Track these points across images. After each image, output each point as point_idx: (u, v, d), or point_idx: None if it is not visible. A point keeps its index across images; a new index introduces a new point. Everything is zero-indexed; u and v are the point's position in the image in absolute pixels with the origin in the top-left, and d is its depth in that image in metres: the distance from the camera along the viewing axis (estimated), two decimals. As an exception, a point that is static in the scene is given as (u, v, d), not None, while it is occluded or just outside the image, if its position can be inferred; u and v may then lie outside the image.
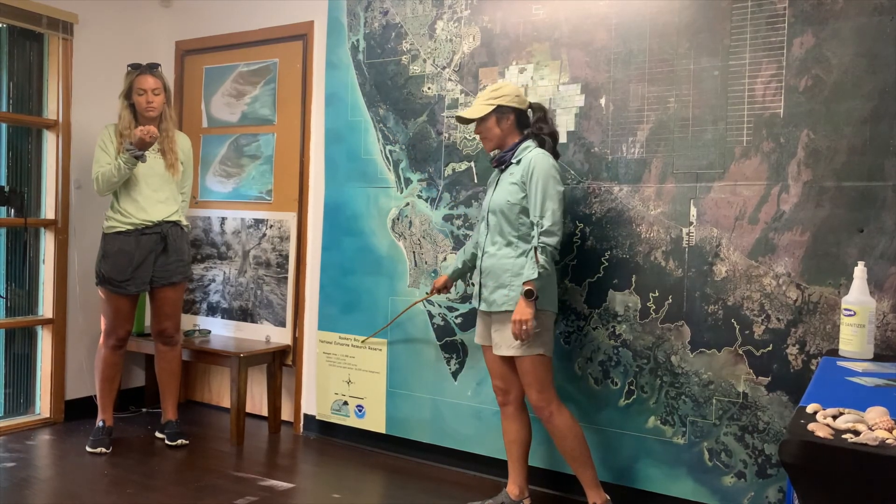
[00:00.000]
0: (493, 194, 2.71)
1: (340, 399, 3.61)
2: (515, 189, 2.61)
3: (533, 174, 2.57)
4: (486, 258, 2.68)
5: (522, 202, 2.61)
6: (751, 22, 2.63)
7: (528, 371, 2.60)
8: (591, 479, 2.63)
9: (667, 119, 2.78)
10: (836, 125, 2.49)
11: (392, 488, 3.13)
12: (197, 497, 2.90)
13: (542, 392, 2.62)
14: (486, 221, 2.71)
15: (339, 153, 3.62)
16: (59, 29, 3.75)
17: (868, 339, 2.13)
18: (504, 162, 2.70)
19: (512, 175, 2.64)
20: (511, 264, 2.61)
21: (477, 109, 2.67)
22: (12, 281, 3.80)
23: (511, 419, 2.76)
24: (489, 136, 2.70)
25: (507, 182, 2.66)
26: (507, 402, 2.76)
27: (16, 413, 3.81)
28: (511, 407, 2.75)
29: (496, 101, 2.65)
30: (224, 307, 4.04)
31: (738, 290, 2.65)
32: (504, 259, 2.63)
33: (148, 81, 3.34)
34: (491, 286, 2.64)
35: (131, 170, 3.26)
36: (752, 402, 2.62)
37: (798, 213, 2.55)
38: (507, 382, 2.73)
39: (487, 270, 2.66)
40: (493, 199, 2.69)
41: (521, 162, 2.64)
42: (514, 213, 2.61)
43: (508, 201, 2.62)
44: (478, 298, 2.71)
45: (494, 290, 2.63)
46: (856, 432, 1.26)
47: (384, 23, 3.46)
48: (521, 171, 2.62)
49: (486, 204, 2.75)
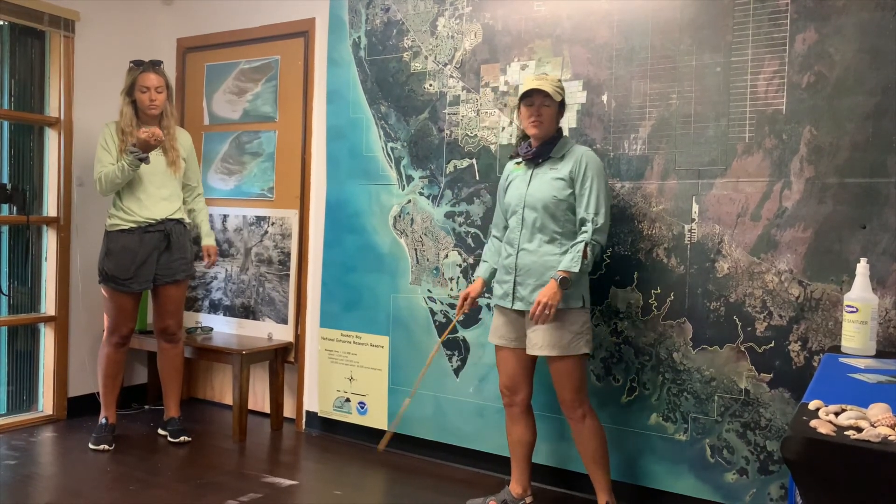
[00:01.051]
0: (530, 189, 2.61)
1: (342, 396, 3.61)
2: (562, 185, 2.56)
3: (586, 171, 2.54)
4: (524, 255, 2.60)
5: (569, 198, 2.56)
6: (753, 18, 2.62)
7: (568, 371, 2.57)
8: (607, 482, 2.63)
9: (669, 116, 2.78)
10: (838, 121, 2.48)
11: (394, 485, 3.14)
12: (199, 494, 2.90)
13: (579, 392, 2.60)
14: (521, 217, 2.62)
15: (341, 150, 3.61)
16: (60, 26, 3.75)
17: (870, 336, 2.13)
18: (541, 156, 2.62)
19: (555, 170, 2.58)
20: (555, 262, 2.54)
21: (553, 92, 2.55)
22: (15, 278, 3.81)
23: (516, 421, 2.74)
24: (547, 122, 2.59)
25: (549, 177, 2.59)
26: (513, 404, 2.73)
27: (19, 410, 3.82)
28: (517, 409, 2.73)
29: (563, 94, 2.61)
30: (226, 304, 4.05)
31: (740, 286, 2.65)
32: (547, 257, 2.56)
33: (151, 79, 3.34)
34: (531, 285, 2.57)
35: (135, 171, 3.26)
36: (754, 399, 2.62)
37: (800, 210, 2.55)
38: (518, 384, 2.70)
39: (526, 268, 2.59)
40: (530, 194, 2.60)
41: (567, 157, 2.59)
42: (561, 209, 2.56)
43: (555, 197, 2.55)
44: (510, 298, 2.63)
45: (536, 288, 2.56)
46: (858, 429, 1.26)
47: (386, 20, 3.46)
48: (569, 167, 2.56)
49: (517, 199, 2.64)
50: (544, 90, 2.54)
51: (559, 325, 2.54)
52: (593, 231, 2.51)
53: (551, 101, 2.57)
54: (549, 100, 2.56)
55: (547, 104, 2.57)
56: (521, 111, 2.63)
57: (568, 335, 2.54)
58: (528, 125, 2.61)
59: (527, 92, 2.58)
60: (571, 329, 2.55)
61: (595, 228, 2.51)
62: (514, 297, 2.62)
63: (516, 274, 2.61)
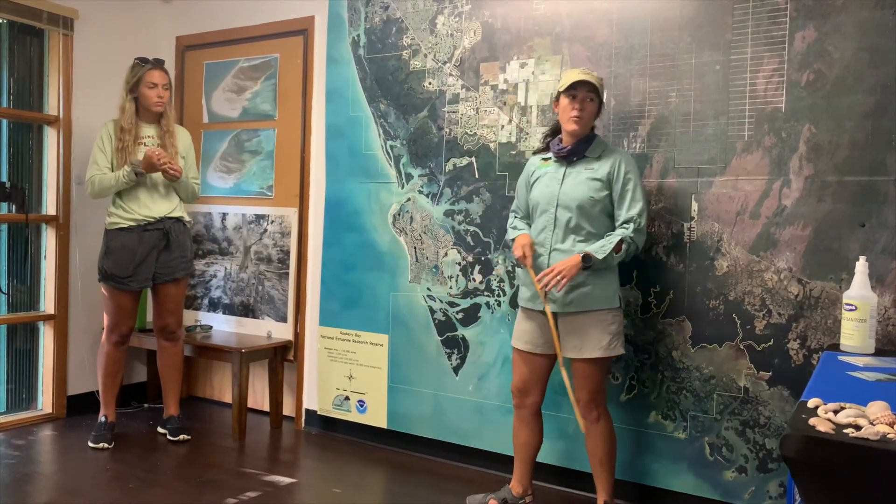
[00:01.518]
0: (563, 188, 2.56)
1: (342, 394, 3.61)
2: (598, 185, 2.52)
3: (628, 173, 2.51)
4: (557, 256, 2.53)
5: (604, 200, 2.52)
6: (752, 16, 2.62)
7: (596, 371, 2.54)
8: (610, 484, 2.62)
9: (668, 114, 2.78)
10: (837, 120, 2.48)
11: (393, 483, 3.14)
12: (199, 492, 2.90)
13: (600, 392, 2.58)
14: (554, 217, 2.56)
15: (340, 148, 3.61)
16: (59, 24, 3.74)
17: (869, 334, 2.13)
18: (576, 154, 2.57)
19: (591, 170, 2.54)
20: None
21: (600, 88, 2.53)
22: (14, 277, 3.81)
23: (525, 423, 2.72)
24: (587, 118, 2.54)
25: (584, 176, 2.54)
26: (523, 406, 2.70)
27: (18, 409, 3.82)
28: (527, 411, 2.70)
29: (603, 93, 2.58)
30: (225, 303, 4.05)
31: (739, 285, 2.65)
32: None
33: (159, 76, 3.36)
34: (567, 286, 2.49)
35: (129, 185, 3.29)
36: (754, 397, 2.62)
37: (799, 208, 2.55)
38: (532, 387, 2.67)
39: None
40: (564, 193, 2.55)
41: (604, 158, 2.55)
42: (596, 210, 2.52)
43: (592, 198, 2.51)
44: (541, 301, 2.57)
45: (570, 290, 2.50)
46: (857, 427, 1.26)
47: (385, 18, 3.46)
48: (606, 168, 2.52)
49: (547, 197, 2.59)
50: (591, 82, 2.49)
51: (599, 327, 2.51)
52: (634, 230, 2.48)
53: (595, 97, 2.53)
54: (594, 95, 2.52)
55: (591, 98, 2.52)
56: (562, 103, 2.55)
57: (607, 336, 2.52)
58: (569, 119, 2.53)
59: (572, 84, 2.50)
60: (610, 330, 2.52)
61: (636, 228, 2.49)
62: (545, 299, 2.55)
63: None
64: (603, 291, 2.52)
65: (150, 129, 3.42)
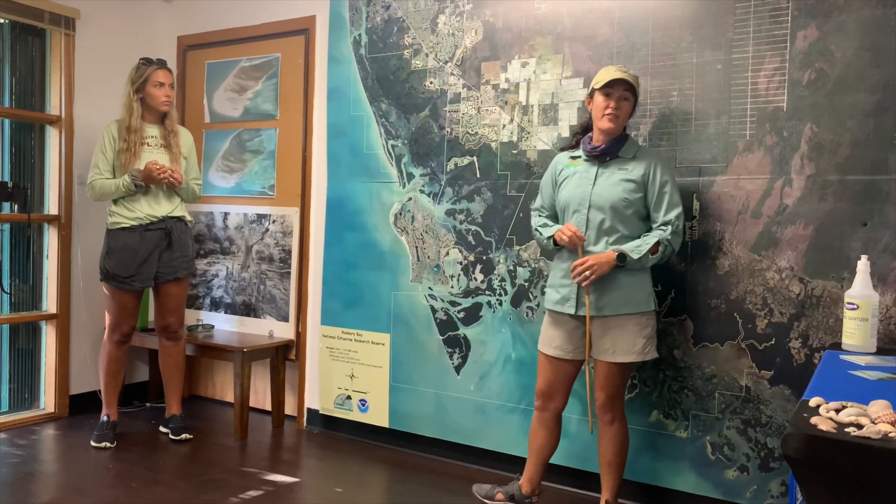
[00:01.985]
0: (596, 188, 2.50)
1: (343, 393, 3.61)
2: (633, 186, 2.47)
3: (663, 175, 2.48)
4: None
5: (638, 202, 2.48)
6: (754, 15, 2.62)
7: (621, 374, 2.52)
8: (615, 487, 2.60)
9: (669, 113, 2.78)
10: (839, 119, 2.48)
11: (395, 482, 3.14)
12: (201, 491, 2.91)
13: (620, 396, 2.56)
14: (586, 218, 2.50)
15: (342, 148, 3.61)
16: (61, 24, 3.74)
17: (871, 333, 2.13)
18: (609, 154, 2.52)
19: (625, 171, 2.49)
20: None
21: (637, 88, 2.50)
22: (16, 276, 3.81)
23: (545, 427, 2.68)
24: (622, 116, 2.50)
25: (618, 177, 2.49)
26: (546, 409, 2.66)
27: (20, 408, 3.82)
28: (549, 414, 2.66)
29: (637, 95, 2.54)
30: (227, 302, 4.05)
31: (740, 284, 2.65)
32: None
33: (165, 75, 3.37)
34: (603, 288, 2.46)
35: (128, 194, 3.31)
36: (755, 396, 2.62)
37: (801, 207, 2.55)
38: (557, 392, 2.63)
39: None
40: (597, 194, 2.49)
41: (638, 159, 2.51)
42: (630, 211, 2.48)
43: (626, 199, 2.46)
44: (572, 303, 2.52)
45: (604, 292, 2.46)
46: (859, 426, 1.26)
47: (386, 17, 3.46)
48: (641, 170, 2.48)
49: (579, 197, 2.53)
50: (628, 81, 2.45)
51: (634, 330, 2.48)
52: (672, 233, 2.45)
53: (630, 97, 2.49)
54: (630, 94, 2.49)
55: (627, 98, 2.49)
56: (596, 101, 2.51)
57: (642, 340, 2.49)
58: (603, 118, 2.48)
59: (609, 82, 2.46)
60: (644, 333, 2.49)
61: (674, 231, 2.45)
62: (577, 302, 2.50)
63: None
64: (638, 294, 2.48)
65: (153, 130, 3.42)
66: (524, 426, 3.08)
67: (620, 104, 2.47)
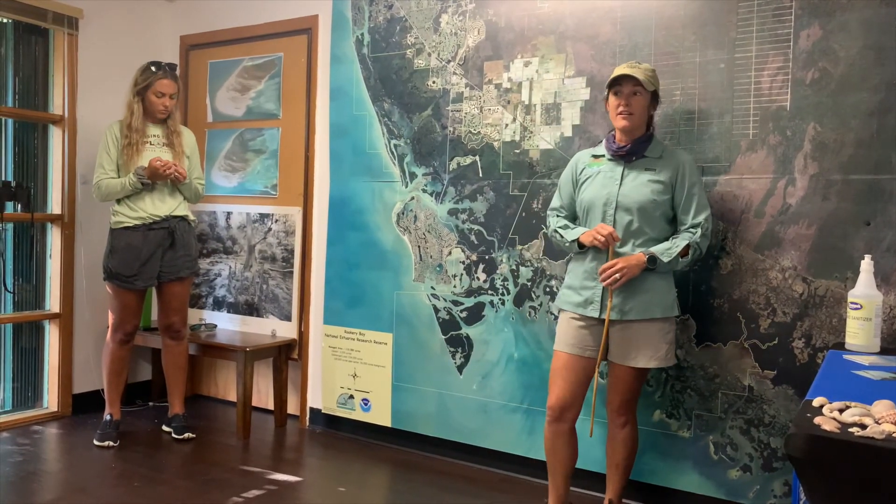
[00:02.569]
0: (623, 189, 2.43)
1: (346, 393, 3.62)
2: (660, 188, 2.42)
3: (690, 175, 2.43)
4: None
5: (665, 204, 2.42)
6: (757, 14, 2.62)
7: (639, 379, 2.48)
8: (621, 488, 2.59)
9: (672, 112, 2.77)
10: (842, 118, 2.48)
11: (397, 482, 3.14)
12: (204, 490, 2.91)
13: (635, 400, 2.53)
14: (613, 219, 2.44)
15: (344, 147, 3.61)
16: (64, 24, 3.75)
17: (874, 333, 2.13)
18: (636, 153, 2.45)
19: (652, 172, 2.43)
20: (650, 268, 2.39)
21: (647, 81, 2.39)
22: (19, 276, 3.82)
23: (564, 439, 2.54)
24: (637, 112, 2.42)
25: (645, 178, 2.43)
26: (563, 420, 2.52)
27: (24, 407, 3.83)
28: (567, 425, 2.53)
29: (657, 85, 2.47)
30: (230, 301, 4.06)
31: (743, 283, 2.64)
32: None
33: (168, 86, 3.37)
34: (624, 292, 2.40)
35: (134, 192, 3.32)
36: (758, 396, 2.61)
37: (804, 207, 2.54)
38: (576, 398, 2.51)
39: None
40: (624, 195, 2.42)
41: (666, 159, 2.45)
42: (658, 213, 2.42)
43: (654, 200, 2.41)
44: (596, 306, 2.44)
45: (630, 296, 2.40)
46: (862, 426, 1.26)
47: (389, 17, 3.46)
48: (669, 171, 2.42)
49: (604, 198, 2.45)
50: (635, 76, 2.38)
51: (657, 336, 2.43)
52: (701, 235, 2.41)
53: (643, 91, 2.41)
54: (641, 88, 2.40)
55: (638, 93, 2.41)
56: (610, 102, 2.46)
57: (665, 345, 2.44)
58: (617, 116, 2.43)
59: (615, 79, 2.41)
60: (667, 339, 2.45)
61: (703, 233, 2.41)
62: (602, 305, 2.43)
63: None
64: (663, 299, 2.43)
65: (156, 129, 3.43)
66: (526, 426, 3.08)
67: (631, 100, 2.41)
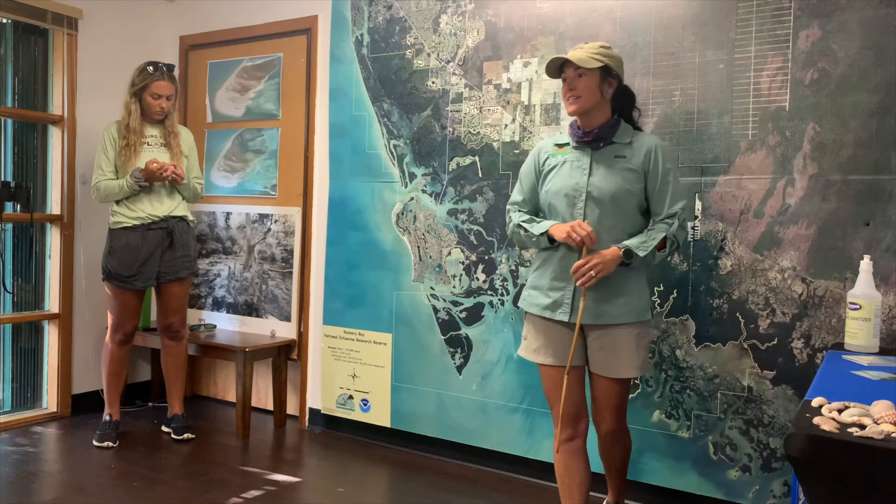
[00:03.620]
0: (593, 178, 2.23)
1: (345, 393, 3.61)
2: (633, 176, 2.23)
3: (664, 161, 2.22)
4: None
5: (639, 193, 2.23)
6: (756, 15, 2.62)
7: (623, 391, 2.32)
8: (622, 487, 2.52)
9: (672, 113, 2.77)
10: (842, 118, 2.48)
11: (397, 482, 3.14)
12: (203, 490, 2.91)
13: (624, 409, 2.37)
14: (583, 212, 2.24)
15: (344, 148, 3.61)
16: (63, 24, 3.75)
17: (874, 333, 2.13)
18: (603, 139, 2.25)
19: (623, 159, 2.23)
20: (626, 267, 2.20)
21: (585, 59, 2.18)
22: (19, 276, 3.82)
23: (577, 457, 2.33)
24: (585, 94, 2.21)
25: (617, 166, 2.23)
26: (577, 435, 2.33)
27: (23, 407, 3.83)
28: (579, 441, 2.33)
29: (606, 60, 2.21)
30: (229, 302, 4.05)
31: (743, 284, 2.64)
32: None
33: (165, 87, 3.36)
34: (597, 294, 2.21)
35: (132, 193, 3.32)
36: (757, 396, 2.61)
37: (804, 207, 2.54)
38: (580, 409, 2.33)
39: None
40: (594, 185, 2.23)
41: (636, 145, 2.25)
42: (632, 204, 2.23)
43: (628, 190, 2.20)
44: (566, 308, 2.25)
45: (603, 298, 2.21)
46: (861, 426, 1.26)
47: (388, 17, 3.46)
48: (640, 157, 2.22)
49: (572, 189, 2.25)
50: (564, 57, 2.21)
51: (633, 342, 2.25)
52: (678, 227, 2.23)
53: (585, 71, 2.21)
54: (584, 73, 2.21)
55: (583, 74, 2.21)
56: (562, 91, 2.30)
57: (642, 353, 2.29)
58: (566, 104, 2.26)
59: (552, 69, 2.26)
60: (643, 345, 2.29)
61: (680, 224, 2.23)
62: (572, 308, 2.25)
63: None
64: (638, 302, 2.26)
65: (153, 130, 3.43)
66: (526, 426, 3.08)
67: (575, 83, 2.22)
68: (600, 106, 2.26)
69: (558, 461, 2.36)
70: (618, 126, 2.28)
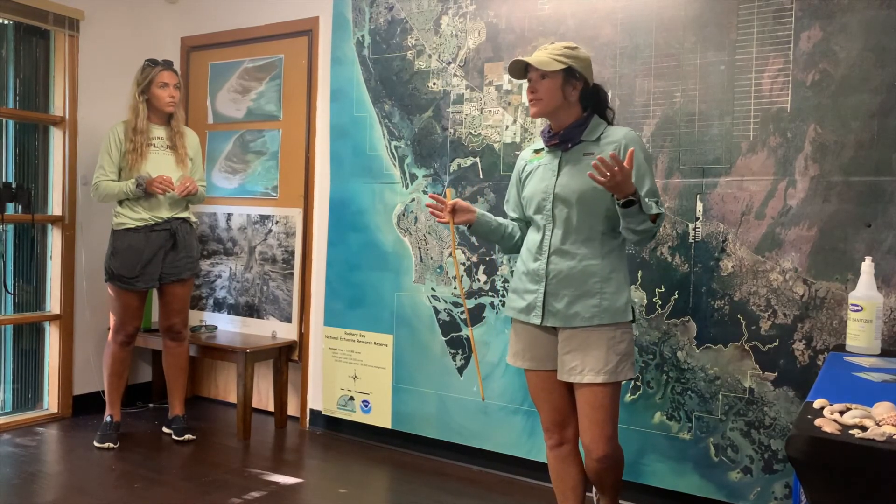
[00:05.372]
0: (560, 179, 2.18)
1: (346, 394, 3.61)
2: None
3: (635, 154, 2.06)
4: (558, 261, 2.16)
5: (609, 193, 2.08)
6: (758, 16, 2.62)
7: (608, 403, 2.15)
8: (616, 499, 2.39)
9: (673, 114, 2.77)
10: (843, 119, 2.48)
11: (398, 483, 3.14)
12: (204, 492, 2.91)
13: (614, 433, 2.20)
14: (551, 214, 2.19)
15: (345, 149, 3.62)
16: (65, 25, 3.75)
17: (875, 335, 2.12)
18: (571, 139, 2.19)
19: (591, 156, 2.11)
20: (599, 267, 2.13)
21: (546, 61, 2.13)
22: (20, 277, 3.82)
23: (568, 462, 2.30)
24: (546, 97, 2.16)
25: (583, 165, 2.13)
26: (564, 441, 2.29)
27: (24, 408, 3.83)
28: (568, 446, 2.29)
29: (569, 61, 2.14)
30: (230, 303, 4.06)
31: (744, 285, 2.64)
32: (588, 261, 2.14)
33: (170, 76, 3.38)
34: (568, 296, 2.14)
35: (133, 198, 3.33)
36: (759, 398, 2.61)
37: (805, 208, 2.54)
38: (566, 416, 2.26)
39: (561, 276, 2.15)
40: (562, 185, 2.17)
41: (604, 140, 2.17)
42: (600, 204, 2.13)
43: (594, 188, 2.08)
44: (539, 312, 2.19)
45: (575, 300, 2.14)
46: (863, 428, 1.26)
47: (389, 18, 3.46)
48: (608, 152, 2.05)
49: (542, 192, 2.21)
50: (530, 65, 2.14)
51: (606, 345, 2.13)
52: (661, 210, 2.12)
53: (547, 73, 2.15)
54: (545, 76, 2.16)
55: (545, 76, 2.15)
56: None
57: (615, 357, 2.13)
58: (530, 106, 2.21)
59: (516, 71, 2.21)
60: (618, 349, 2.14)
61: (660, 212, 2.11)
62: (544, 311, 2.18)
63: (547, 283, 2.17)
64: (612, 302, 2.14)
65: (159, 131, 3.43)
66: (527, 427, 3.08)
67: (537, 86, 2.16)
68: (566, 107, 2.20)
69: (550, 467, 2.35)
70: (586, 125, 2.20)
